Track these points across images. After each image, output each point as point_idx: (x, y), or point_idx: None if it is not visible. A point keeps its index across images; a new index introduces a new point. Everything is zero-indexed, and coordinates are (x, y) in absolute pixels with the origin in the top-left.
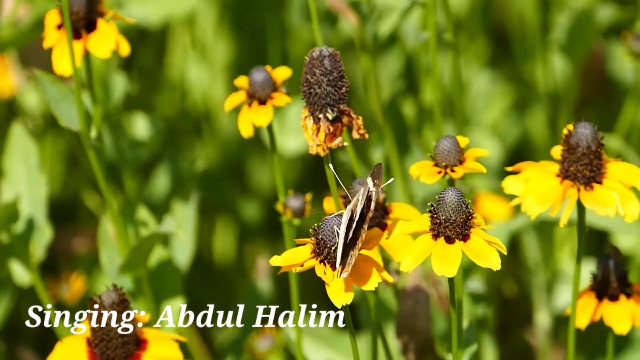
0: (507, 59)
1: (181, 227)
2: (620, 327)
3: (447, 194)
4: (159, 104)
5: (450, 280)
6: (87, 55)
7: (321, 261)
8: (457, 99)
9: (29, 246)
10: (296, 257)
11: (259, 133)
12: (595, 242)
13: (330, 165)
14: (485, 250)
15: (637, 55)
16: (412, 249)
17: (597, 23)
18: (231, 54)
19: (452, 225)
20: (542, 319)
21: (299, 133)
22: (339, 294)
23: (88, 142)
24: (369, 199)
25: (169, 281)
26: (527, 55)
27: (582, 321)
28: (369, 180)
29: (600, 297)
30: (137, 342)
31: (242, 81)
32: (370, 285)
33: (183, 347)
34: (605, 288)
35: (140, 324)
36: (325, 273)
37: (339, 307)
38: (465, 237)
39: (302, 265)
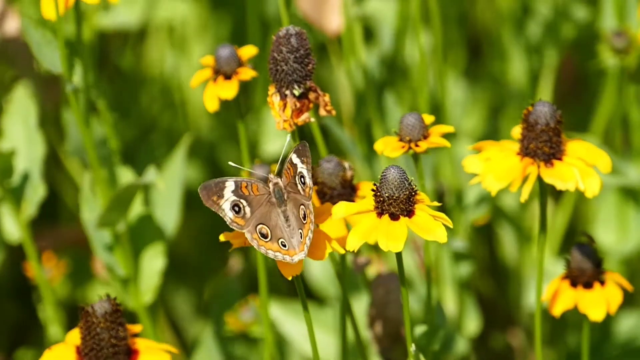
0: (482, 67)
1: (165, 181)
2: (595, 314)
3: (389, 171)
4: (139, 102)
5: (398, 255)
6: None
7: None
8: (442, 96)
9: (22, 202)
10: None
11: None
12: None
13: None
14: (431, 224)
15: (618, 51)
16: (357, 227)
17: (568, 25)
18: (212, 50)
19: (396, 202)
20: (522, 318)
21: (278, 137)
22: (289, 265)
23: (70, 86)
24: (300, 176)
25: (150, 239)
26: (501, 59)
27: (556, 309)
28: (295, 157)
29: (574, 285)
30: (128, 352)
31: (208, 59)
32: (320, 255)
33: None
34: (580, 276)
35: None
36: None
37: (289, 278)
38: (410, 213)
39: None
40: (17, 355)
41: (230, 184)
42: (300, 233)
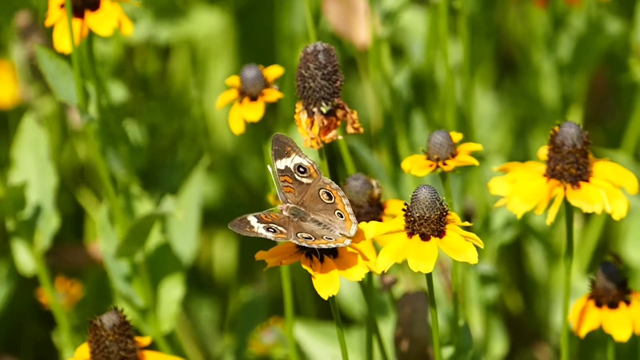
0: (513, 82)
1: (183, 210)
2: (620, 335)
3: (421, 191)
4: (161, 118)
5: (428, 276)
6: (90, 37)
7: (307, 255)
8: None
9: (35, 234)
10: (282, 251)
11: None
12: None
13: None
14: (462, 245)
15: None
16: (387, 247)
17: (602, 39)
18: (236, 69)
19: (427, 222)
20: (550, 335)
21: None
22: (325, 285)
23: (86, 117)
24: (297, 169)
25: (168, 268)
26: (532, 73)
27: (582, 329)
28: (280, 163)
29: (599, 305)
30: None
31: (233, 80)
32: (357, 275)
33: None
34: (605, 295)
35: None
36: (310, 266)
37: (325, 298)
38: (440, 234)
39: (289, 257)
40: None
41: (252, 219)
42: (339, 214)
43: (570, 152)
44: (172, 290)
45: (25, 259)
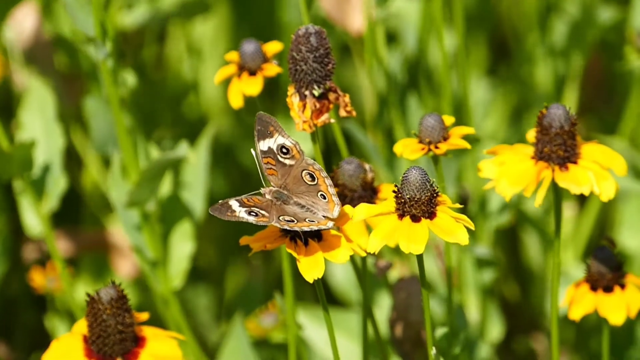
0: (506, 68)
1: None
2: (615, 318)
3: (411, 172)
4: (158, 101)
5: (419, 257)
6: None
7: (291, 238)
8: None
9: (43, 194)
10: (266, 235)
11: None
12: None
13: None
14: (452, 226)
15: None
16: (378, 229)
17: (596, 26)
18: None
19: (418, 204)
20: (546, 323)
21: (302, 140)
22: (310, 268)
23: (102, 52)
24: (280, 149)
25: (179, 221)
26: (527, 59)
27: (576, 313)
28: (262, 144)
29: (594, 289)
30: (135, 340)
31: (232, 55)
32: (341, 258)
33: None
34: (600, 279)
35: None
36: (295, 249)
37: (311, 281)
38: (431, 215)
39: (274, 241)
40: (33, 359)
41: (233, 203)
42: (322, 195)
43: (557, 133)
44: (183, 245)
45: (33, 220)
